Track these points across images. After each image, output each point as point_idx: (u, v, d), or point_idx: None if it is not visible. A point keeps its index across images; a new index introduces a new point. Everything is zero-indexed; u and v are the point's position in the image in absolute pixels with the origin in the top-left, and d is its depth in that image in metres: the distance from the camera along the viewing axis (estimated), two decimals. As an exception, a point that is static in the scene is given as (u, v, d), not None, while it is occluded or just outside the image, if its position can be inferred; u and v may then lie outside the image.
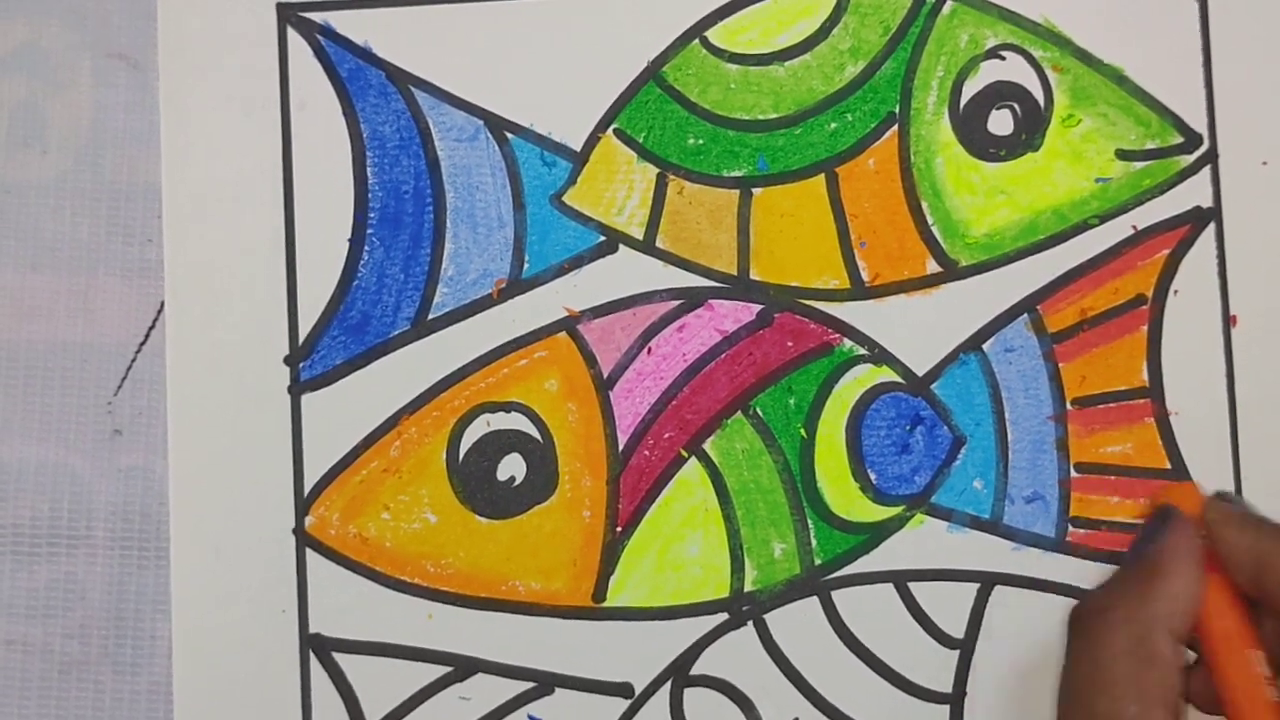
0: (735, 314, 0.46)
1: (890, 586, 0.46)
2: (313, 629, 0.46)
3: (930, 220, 0.46)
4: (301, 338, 0.46)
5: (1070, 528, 0.46)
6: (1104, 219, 0.46)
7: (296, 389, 0.46)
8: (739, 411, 0.46)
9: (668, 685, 0.46)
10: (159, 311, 0.47)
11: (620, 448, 0.46)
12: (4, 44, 0.48)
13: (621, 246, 0.47)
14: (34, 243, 0.48)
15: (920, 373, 0.46)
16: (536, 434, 0.46)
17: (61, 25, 0.48)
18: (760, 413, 0.46)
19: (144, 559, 0.47)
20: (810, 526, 0.46)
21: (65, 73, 0.48)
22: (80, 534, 0.47)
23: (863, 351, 0.46)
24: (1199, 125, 0.46)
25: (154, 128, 0.48)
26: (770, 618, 0.46)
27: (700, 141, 0.47)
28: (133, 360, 0.47)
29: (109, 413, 0.47)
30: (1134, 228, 0.46)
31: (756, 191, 0.46)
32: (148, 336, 0.47)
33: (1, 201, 0.48)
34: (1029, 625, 0.46)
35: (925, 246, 0.46)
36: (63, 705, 0.47)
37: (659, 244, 0.46)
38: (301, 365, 0.46)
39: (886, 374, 0.46)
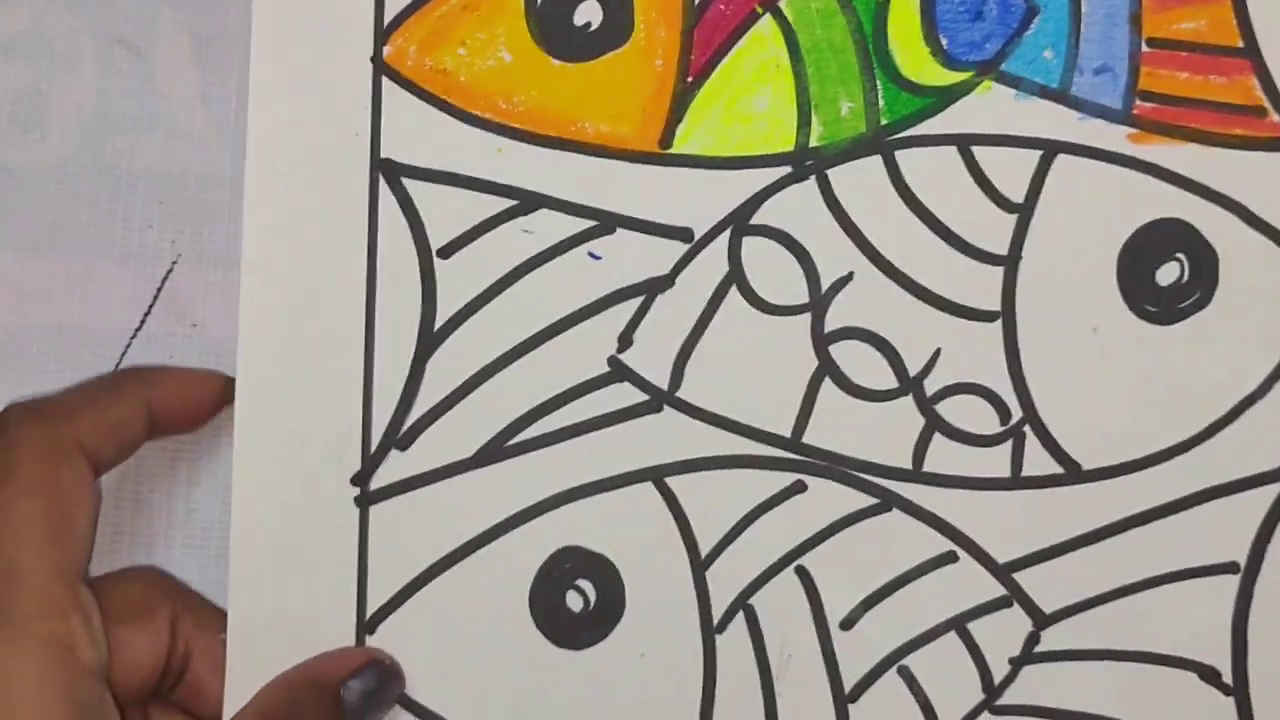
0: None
1: (954, 149, 0.46)
2: (384, 154, 0.47)
3: None
4: None
5: (1138, 101, 0.46)
6: None
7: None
8: (815, -21, 0.47)
9: (727, 233, 0.47)
10: (155, 297, 0.48)
11: (696, 1, 0.47)
12: (6, 29, 0.49)
13: None
14: (34, 227, 0.49)
15: (998, -53, 0.47)
16: (614, -14, 0.47)
17: (64, 11, 0.49)
18: (836, -20, 0.47)
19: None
20: (879, 86, 0.46)
21: (67, 58, 0.49)
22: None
23: (942, -76, 0.47)
24: None
25: (155, 113, 0.49)
26: (833, 173, 0.46)
27: None
28: (127, 346, 0.48)
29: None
30: None
31: None
32: (143, 323, 0.48)
33: (2, 185, 0.49)
34: (1089, 194, 0.46)
35: None
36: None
37: None
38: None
39: (965, -53, 0.47)
